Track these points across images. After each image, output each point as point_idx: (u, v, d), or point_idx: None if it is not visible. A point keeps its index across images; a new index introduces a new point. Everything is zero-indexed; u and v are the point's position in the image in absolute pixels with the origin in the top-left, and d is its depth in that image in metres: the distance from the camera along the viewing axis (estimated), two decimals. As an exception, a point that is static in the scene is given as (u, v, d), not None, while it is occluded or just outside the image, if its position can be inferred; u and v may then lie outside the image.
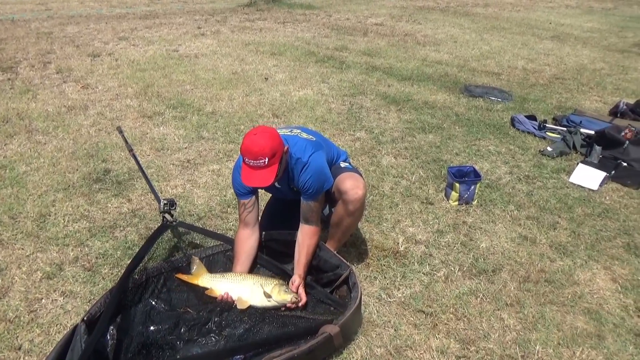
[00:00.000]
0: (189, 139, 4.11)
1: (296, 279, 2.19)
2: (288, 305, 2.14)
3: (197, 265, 2.30)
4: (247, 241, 2.32)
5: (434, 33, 9.86)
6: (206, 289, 2.20)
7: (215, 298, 2.16)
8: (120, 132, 2.81)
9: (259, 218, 2.44)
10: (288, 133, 2.32)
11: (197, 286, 2.24)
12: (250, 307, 2.14)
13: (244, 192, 2.29)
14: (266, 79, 5.97)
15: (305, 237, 2.27)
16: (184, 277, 2.27)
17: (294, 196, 2.35)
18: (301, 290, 2.18)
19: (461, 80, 6.30)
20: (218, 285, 2.20)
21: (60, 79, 5.74)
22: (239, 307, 2.12)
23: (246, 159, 2.04)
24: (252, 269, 2.36)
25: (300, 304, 2.15)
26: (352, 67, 6.74)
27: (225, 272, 2.30)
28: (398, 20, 11.57)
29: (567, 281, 2.53)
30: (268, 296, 2.12)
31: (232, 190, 3.23)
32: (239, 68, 6.45)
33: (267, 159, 2.01)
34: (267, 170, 2.04)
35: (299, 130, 2.38)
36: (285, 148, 2.13)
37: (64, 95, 5.13)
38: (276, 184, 2.30)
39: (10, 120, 4.36)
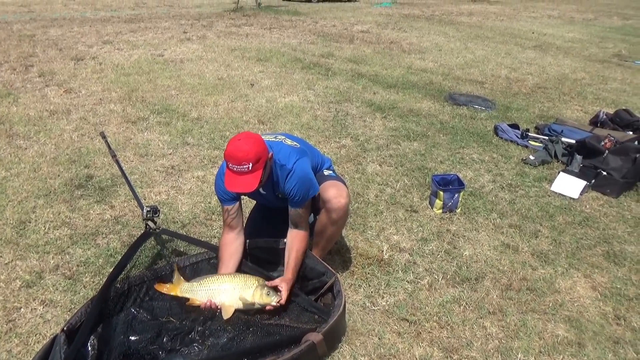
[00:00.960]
0: (173, 145, 4.08)
1: (278, 281, 2.17)
2: (268, 308, 2.11)
3: (175, 275, 2.25)
4: (232, 244, 2.31)
5: (419, 41, 9.97)
6: (187, 299, 2.17)
7: (198, 307, 2.14)
8: (104, 137, 2.77)
9: (244, 224, 2.43)
10: (272, 139, 2.32)
11: (177, 297, 2.20)
12: (236, 312, 2.10)
13: (228, 198, 2.28)
14: (252, 85, 5.97)
15: (295, 240, 2.27)
16: (163, 288, 2.22)
17: (279, 204, 2.35)
18: (283, 290, 2.14)
19: (446, 88, 6.38)
20: (197, 294, 2.15)
21: (42, 82, 5.66)
22: (224, 316, 2.09)
23: (230, 164, 2.03)
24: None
25: (280, 302, 2.11)
26: (337, 74, 6.77)
27: (203, 278, 2.22)
28: (384, 28, 11.67)
29: (548, 289, 2.56)
30: (250, 303, 2.10)
31: (217, 198, 3.23)
32: (225, 74, 6.43)
33: (251, 165, 2.00)
34: (251, 176, 2.02)
35: (283, 137, 2.38)
36: (270, 154, 2.13)
37: (46, 100, 5.06)
38: (261, 190, 2.29)
39: (-10, 125, 4.28)
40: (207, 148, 4.06)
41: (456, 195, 3.22)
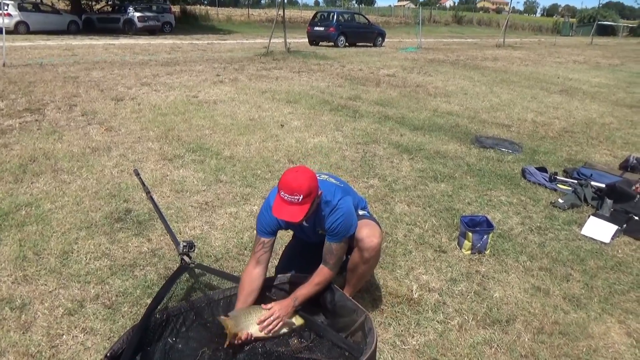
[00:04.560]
0: (207, 182, 4.23)
1: (272, 304, 2.23)
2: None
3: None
4: (255, 282, 2.35)
5: (445, 85, 10.16)
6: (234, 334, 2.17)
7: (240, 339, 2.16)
8: (137, 174, 2.84)
9: (277, 261, 2.49)
10: (319, 178, 2.43)
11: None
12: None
13: (267, 230, 2.36)
14: (282, 125, 6.17)
15: (318, 274, 2.32)
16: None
17: (316, 239, 2.42)
18: (276, 307, 2.20)
19: (472, 131, 6.46)
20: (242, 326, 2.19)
21: (85, 121, 5.99)
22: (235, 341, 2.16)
23: (282, 192, 2.12)
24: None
25: (273, 319, 2.18)
26: (365, 116, 6.94)
27: (244, 313, 2.25)
28: (409, 72, 11.94)
29: (581, 334, 2.53)
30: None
31: (249, 234, 3.33)
32: (256, 114, 6.67)
33: (301, 197, 2.09)
34: (299, 208, 2.11)
35: (326, 176, 2.49)
36: (320, 192, 2.22)
37: (89, 137, 5.33)
38: (304, 223, 2.37)
39: (37, 160, 4.53)
40: (239, 186, 4.19)
41: (485, 237, 3.24)
